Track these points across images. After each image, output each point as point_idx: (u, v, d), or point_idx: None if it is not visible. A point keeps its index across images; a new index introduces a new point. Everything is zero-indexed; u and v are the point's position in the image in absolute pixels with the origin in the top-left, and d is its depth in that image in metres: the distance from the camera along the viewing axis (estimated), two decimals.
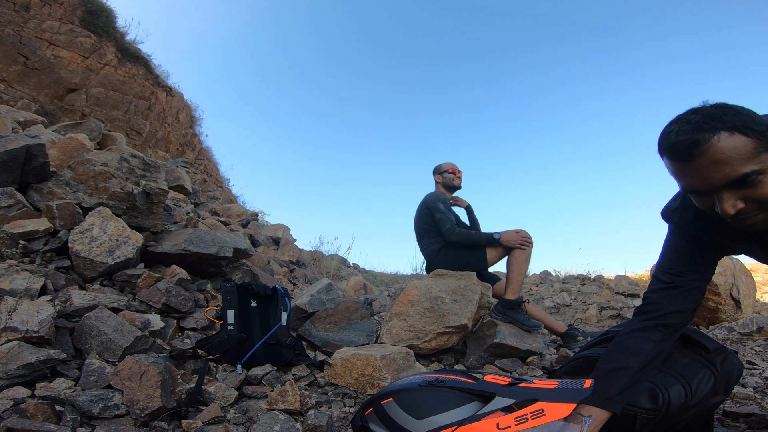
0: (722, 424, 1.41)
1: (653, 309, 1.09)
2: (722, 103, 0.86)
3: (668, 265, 1.10)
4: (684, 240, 1.09)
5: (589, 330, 3.55)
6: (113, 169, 2.36)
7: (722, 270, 3.19)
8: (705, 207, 0.91)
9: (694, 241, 1.07)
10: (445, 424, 0.91)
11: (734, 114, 0.82)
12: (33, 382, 1.24)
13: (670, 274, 1.09)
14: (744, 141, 0.80)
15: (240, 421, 1.29)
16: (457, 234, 2.56)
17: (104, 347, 1.45)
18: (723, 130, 0.81)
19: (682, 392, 1.06)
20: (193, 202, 4.81)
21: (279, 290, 2.03)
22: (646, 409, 1.04)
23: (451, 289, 2.27)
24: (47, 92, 7.04)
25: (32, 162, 2.15)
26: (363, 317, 2.29)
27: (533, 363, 2.11)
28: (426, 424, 0.92)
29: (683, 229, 1.08)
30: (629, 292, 5.19)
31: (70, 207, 2.05)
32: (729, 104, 0.85)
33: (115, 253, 1.96)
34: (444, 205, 2.70)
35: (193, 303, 2.07)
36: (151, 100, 8.56)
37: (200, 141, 10.91)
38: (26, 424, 1.01)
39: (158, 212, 2.39)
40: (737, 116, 0.81)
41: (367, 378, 1.68)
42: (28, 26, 7.07)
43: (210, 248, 2.34)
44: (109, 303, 1.73)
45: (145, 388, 1.22)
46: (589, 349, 1.33)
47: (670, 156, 0.88)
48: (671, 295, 1.07)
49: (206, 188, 8.60)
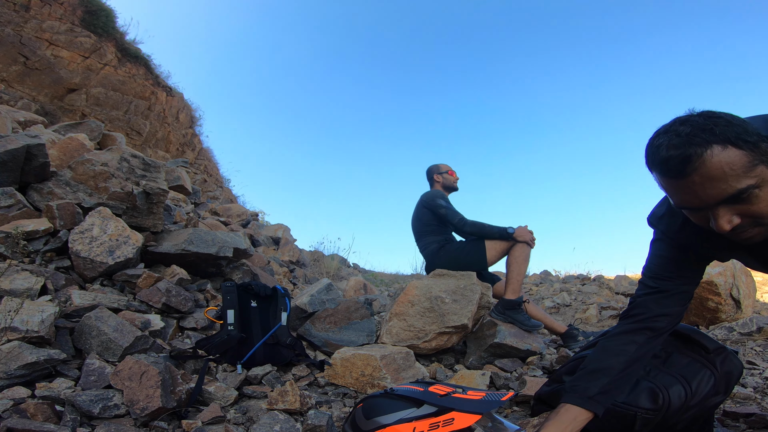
0: (722, 424, 1.41)
1: (639, 312, 1.08)
2: (711, 112, 0.80)
3: (655, 270, 1.08)
4: (670, 247, 1.06)
5: (589, 330, 3.56)
6: (113, 169, 2.36)
7: (722, 270, 3.19)
8: (699, 222, 0.86)
9: (681, 249, 1.04)
10: (382, 424, 1.07)
11: (725, 125, 0.76)
12: (33, 382, 1.24)
13: (657, 279, 1.07)
14: (738, 154, 0.75)
15: (240, 421, 1.29)
16: (471, 224, 2.56)
17: (104, 347, 1.45)
18: (715, 143, 0.75)
19: (682, 392, 1.06)
20: (193, 202, 4.81)
21: (279, 290, 2.03)
22: (646, 409, 1.05)
23: (451, 289, 2.27)
24: (47, 92, 7.04)
25: (32, 162, 2.15)
26: (363, 317, 2.29)
27: (533, 363, 2.11)
28: (371, 423, 1.09)
29: (670, 236, 1.05)
30: (629, 292, 5.19)
31: (70, 207, 2.05)
32: (718, 113, 0.80)
33: (115, 253, 1.96)
34: (444, 200, 2.71)
35: (193, 303, 2.07)
36: (151, 100, 8.56)
37: (200, 141, 10.91)
38: (26, 424, 1.01)
39: (158, 212, 2.39)
40: (729, 127, 0.76)
41: (367, 378, 1.68)
42: (28, 26, 7.07)
43: (210, 248, 2.34)
44: (109, 303, 1.73)
45: (145, 388, 1.22)
46: (589, 349, 1.33)
47: (660, 172, 0.83)
48: (657, 299, 1.06)
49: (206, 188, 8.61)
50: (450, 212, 2.63)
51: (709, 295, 3.18)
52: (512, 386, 1.81)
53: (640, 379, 1.11)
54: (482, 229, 2.53)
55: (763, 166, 0.76)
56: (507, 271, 2.46)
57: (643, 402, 1.05)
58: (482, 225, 2.54)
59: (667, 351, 1.18)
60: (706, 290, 3.16)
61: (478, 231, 2.54)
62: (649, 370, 1.14)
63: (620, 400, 1.08)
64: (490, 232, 2.51)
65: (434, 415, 1.07)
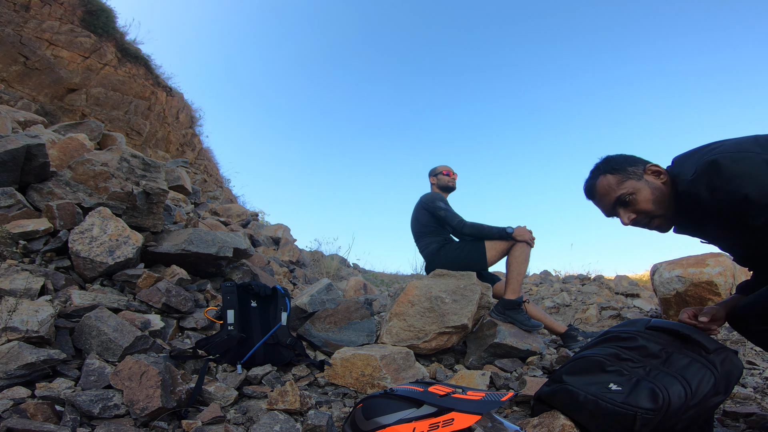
0: (722, 424, 1.41)
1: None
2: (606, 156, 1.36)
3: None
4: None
5: (589, 330, 3.56)
6: (113, 169, 2.36)
7: (722, 270, 3.19)
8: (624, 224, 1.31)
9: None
10: (382, 425, 1.08)
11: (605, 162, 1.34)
12: (33, 382, 1.24)
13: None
14: (611, 178, 1.30)
15: (240, 421, 1.29)
16: (470, 226, 2.56)
17: (104, 347, 1.45)
18: (600, 174, 1.34)
19: (683, 392, 1.06)
20: (193, 202, 4.81)
21: (279, 290, 2.03)
22: (646, 409, 1.04)
23: (451, 289, 2.27)
24: (47, 92, 7.04)
25: (32, 162, 2.15)
26: (363, 317, 2.29)
27: (533, 363, 2.11)
28: (371, 423, 1.10)
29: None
30: (629, 292, 5.18)
31: (70, 207, 2.05)
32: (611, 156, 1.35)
33: (115, 253, 1.96)
34: (443, 202, 2.71)
35: (193, 303, 2.07)
36: (151, 100, 8.56)
37: (200, 141, 10.91)
38: (26, 424, 1.01)
39: (158, 212, 2.39)
40: (607, 163, 1.33)
41: (367, 378, 1.68)
42: (28, 26, 7.07)
43: (210, 248, 2.34)
44: (109, 303, 1.73)
45: (145, 388, 1.22)
46: (589, 349, 1.33)
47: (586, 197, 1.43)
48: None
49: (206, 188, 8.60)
50: (449, 214, 2.63)
51: (709, 295, 3.18)
52: (512, 386, 1.81)
53: (641, 379, 1.11)
54: (481, 230, 2.53)
55: (631, 181, 1.27)
56: (507, 271, 2.46)
57: (643, 402, 1.05)
58: (481, 226, 2.54)
59: (668, 351, 1.18)
60: (705, 290, 3.16)
61: (477, 232, 2.54)
62: (649, 370, 1.14)
63: (620, 400, 1.08)
64: (489, 232, 2.50)
65: (434, 415, 1.07)
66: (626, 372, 1.15)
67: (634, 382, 1.11)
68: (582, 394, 1.15)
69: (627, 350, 1.23)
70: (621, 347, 1.25)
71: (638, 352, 1.21)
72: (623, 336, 1.29)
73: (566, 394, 1.19)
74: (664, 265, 3.31)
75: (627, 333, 1.30)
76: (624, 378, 1.13)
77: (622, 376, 1.14)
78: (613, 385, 1.12)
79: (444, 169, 2.89)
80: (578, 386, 1.18)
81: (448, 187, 2.89)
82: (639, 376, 1.12)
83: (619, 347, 1.25)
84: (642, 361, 1.18)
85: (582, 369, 1.23)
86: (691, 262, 3.21)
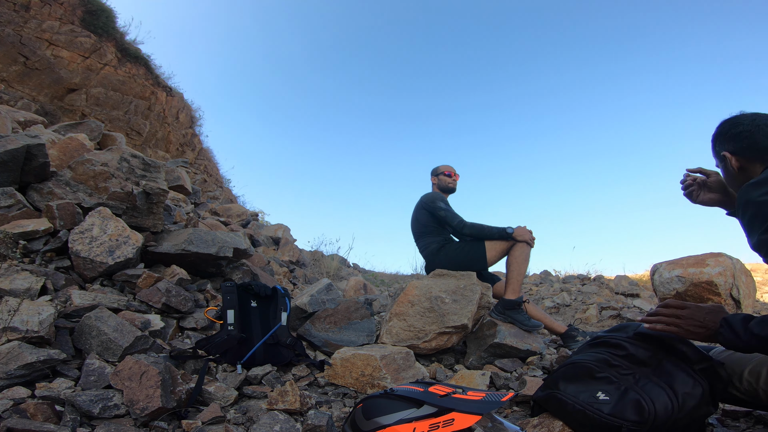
0: (722, 424, 1.41)
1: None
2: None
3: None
4: None
5: (589, 330, 3.56)
6: (113, 169, 2.36)
7: (722, 270, 3.19)
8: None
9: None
10: (382, 425, 1.08)
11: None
12: (33, 382, 1.24)
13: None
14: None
15: (240, 421, 1.29)
16: (470, 227, 2.56)
17: (104, 347, 1.45)
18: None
19: (669, 405, 1.05)
20: (193, 202, 4.81)
21: (279, 290, 2.03)
22: (631, 421, 1.04)
23: (451, 289, 2.27)
24: (47, 92, 7.04)
25: (32, 162, 2.15)
26: (363, 317, 2.29)
27: (533, 363, 2.11)
28: (371, 423, 1.10)
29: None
30: (629, 292, 5.19)
31: (70, 207, 2.05)
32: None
33: (115, 253, 1.96)
34: (443, 203, 2.71)
35: (193, 303, 2.07)
36: (151, 100, 8.56)
37: (200, 141, 10.91)
38: (26, 424, 1.01)
39: (158, 212, 2.39)
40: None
41: (367, 378, 1.68)
42: (28, 26, 7.07)
43: (210, 248, 2.34)
44: (109, 303, 1.73)
45: (145, 388, 1.22)
46: (578, 355, 1.33)
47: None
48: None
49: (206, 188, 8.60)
50: (449, 214, 2.63)
51: (709, 296, 3.18)
52: (512, 386, 1.81)
53: (628, 388, 1.10)
54: (481, 230, 2.52)
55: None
56: (507, 271, 2.46)
57: (629, 414, 1.05)
58: (481, 226, 2.54)
59: (658, 357, 1.18)
60: (705, 290, 3.16)
61: (477, 233, 2.53)
62: (638, 378, 1.13)
63: (606, 411, 1.07)
64: (489, 232, 2.50)
65: (434, 415, 1.07)
66: (615, 379, 1.14)
67: (622, 391, 1.10)
68: (571, 403, 1.15)
69: (617, 357, 1.22)
70: (611, 353, 1.24)
71: (628, 360, 1.20)
72: (612, 342, 1.28)
73: (556, 401, 1.20)
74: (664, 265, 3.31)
75: (615, 339, 1.28)
76: (613, 386, 1.12)
77: (611, 384, 1.13)
78: (601, 394, 1.12)
79: (446, 169, 2.88)
80: (568, 394, 1.18)
81: (449, 188, 2.88)
82: (627, 384, 1.11)
83: (610, 353, 1.24)
84: (631, 368, 1.17)
85: (572, 375, 1.22)
86: (691, 262, 3.21)
